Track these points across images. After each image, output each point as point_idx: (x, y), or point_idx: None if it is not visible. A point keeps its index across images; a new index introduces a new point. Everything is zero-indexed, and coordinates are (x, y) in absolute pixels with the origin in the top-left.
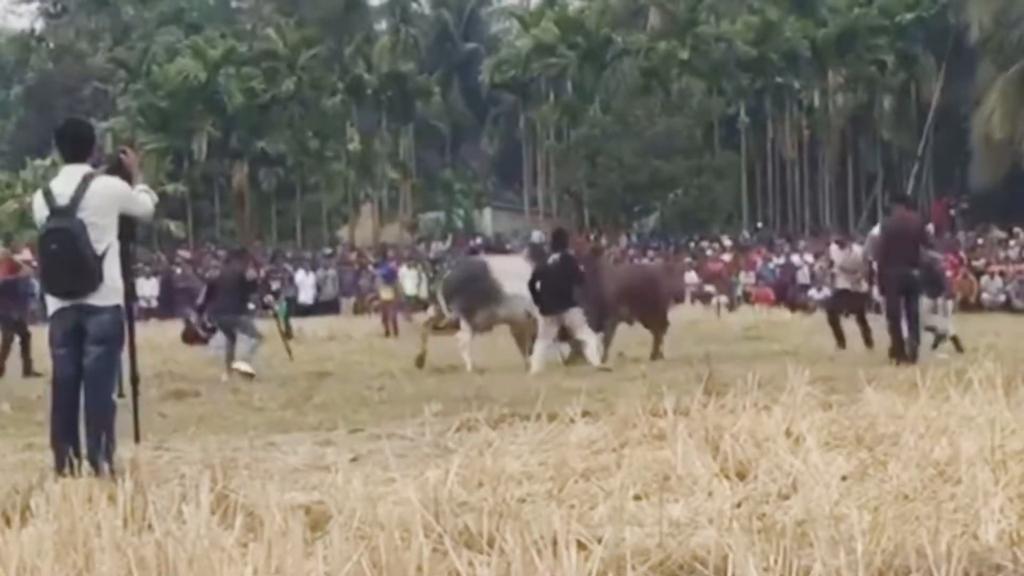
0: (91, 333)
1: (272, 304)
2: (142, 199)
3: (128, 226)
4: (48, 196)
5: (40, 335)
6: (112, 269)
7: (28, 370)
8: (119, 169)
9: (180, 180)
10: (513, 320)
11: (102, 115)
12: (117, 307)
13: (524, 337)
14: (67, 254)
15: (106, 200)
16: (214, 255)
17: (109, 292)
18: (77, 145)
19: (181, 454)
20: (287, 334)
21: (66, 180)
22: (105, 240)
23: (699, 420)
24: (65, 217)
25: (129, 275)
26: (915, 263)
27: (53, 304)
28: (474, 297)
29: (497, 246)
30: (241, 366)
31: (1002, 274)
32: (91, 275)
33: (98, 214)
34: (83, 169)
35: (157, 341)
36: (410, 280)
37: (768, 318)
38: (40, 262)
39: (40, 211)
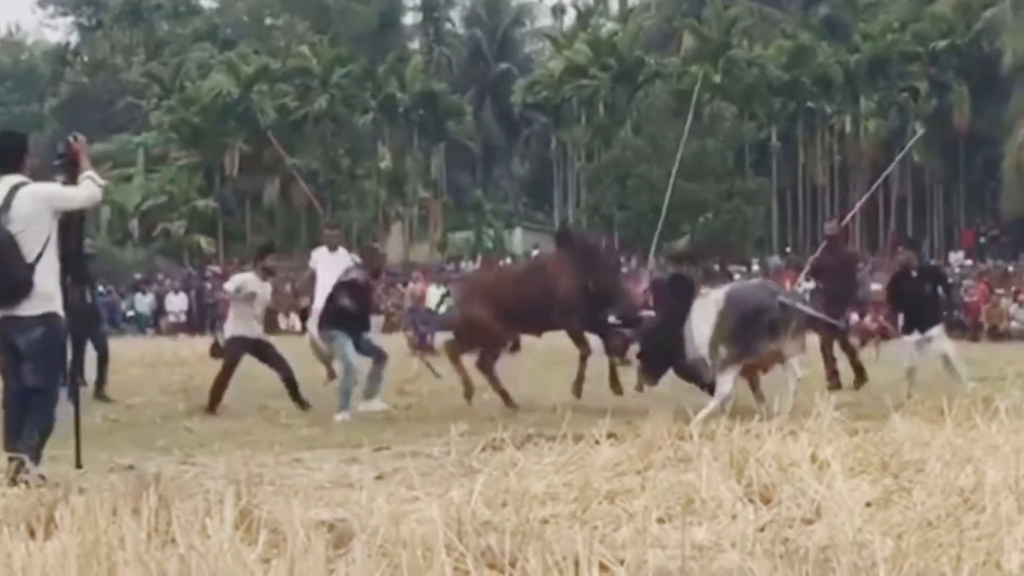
0: (23, 350)
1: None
2: (73, 192)
3: (75, 226)
4: None
5: None
6: (45, 276)
7: None
8: (67, 156)
9: (211, 196)
10: None
11: (135, 129)
12: (49, 316)
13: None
14: None
15: (34, 206)
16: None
17: (40, 300)
18: (6, 156)
19: (206, 469)
20: None
21: None
22: (37, 247)
23: (724, 444)
24: None
25: (82, 277)
26: None
27: None
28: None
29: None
30: (338, 417)
31: None
32: (18, 285)
33: (27, 222)
34: (13, 179)
35: (185, 355)
36: (435, 298)
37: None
38: None
39: None
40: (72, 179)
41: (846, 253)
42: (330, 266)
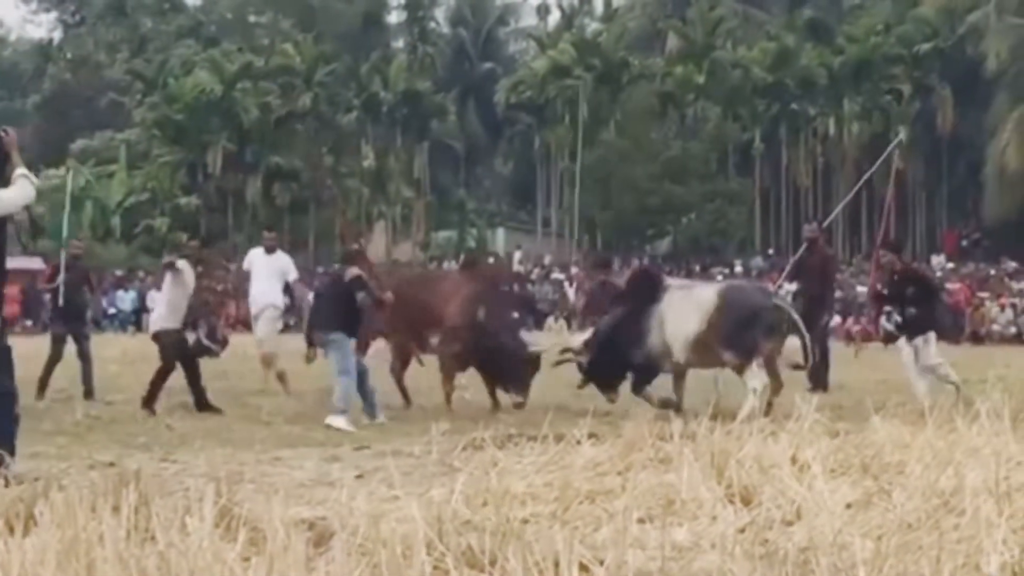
0: None
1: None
2: (10, 195)
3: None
4: None
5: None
6: None
7: None
8: None
9: (194, 193)
10: None
11: (118, 126)
12: None
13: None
14: None
15: None
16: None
17: None
18: None
19: (187, 466)
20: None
21: None
22: None
23: (705, 445)
24: None
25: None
26: None
27: None
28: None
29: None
30: (333, 421)
31: (1013, 306)
32: None
33: None
34: None
35: None
36: None
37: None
38: None
39: None
40: (1, 173)
41: (825, 255)
42: (266, 268)
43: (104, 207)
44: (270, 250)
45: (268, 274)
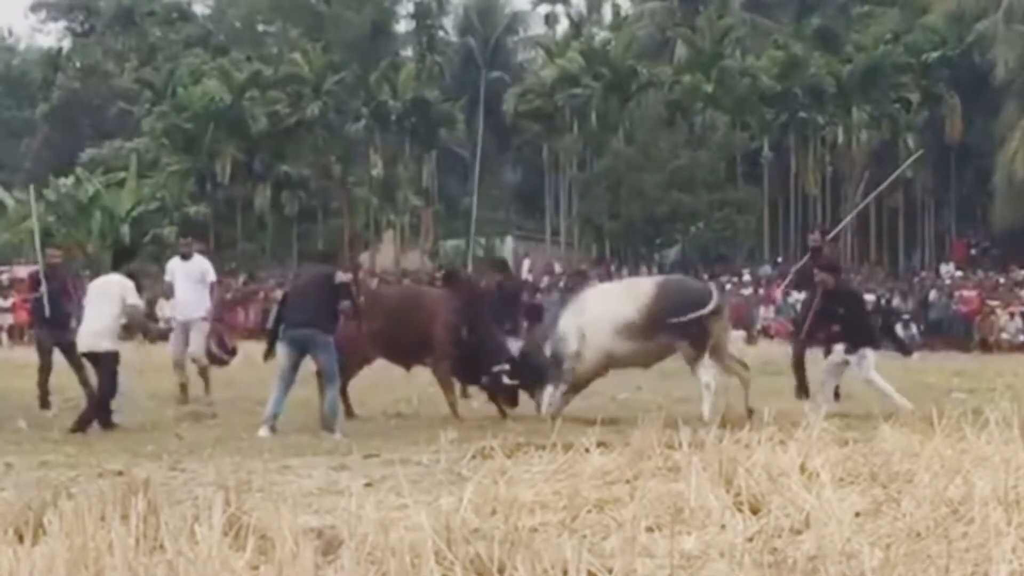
0: None
1: None
2: None
3: None
4: None
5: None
6: None
7: None
8: None
9: (203, 202)
10: None
11: (127, 135)
12: None
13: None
14: None
15: None
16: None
17: None
18: None
19: (195, 475)
20: None
21: None
22: None
23: (714, 453)
24: None
25: None
26: None
27: None
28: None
29: None
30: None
31: (1022, 315)
32: None
33: None
34: None
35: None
36: None
37: (786, 353)
38: None
39: None
40: None
41: (829, 264)
42: (185, 275)
43: (113, 216)
44: (186, 256)
45: (188, 281)
